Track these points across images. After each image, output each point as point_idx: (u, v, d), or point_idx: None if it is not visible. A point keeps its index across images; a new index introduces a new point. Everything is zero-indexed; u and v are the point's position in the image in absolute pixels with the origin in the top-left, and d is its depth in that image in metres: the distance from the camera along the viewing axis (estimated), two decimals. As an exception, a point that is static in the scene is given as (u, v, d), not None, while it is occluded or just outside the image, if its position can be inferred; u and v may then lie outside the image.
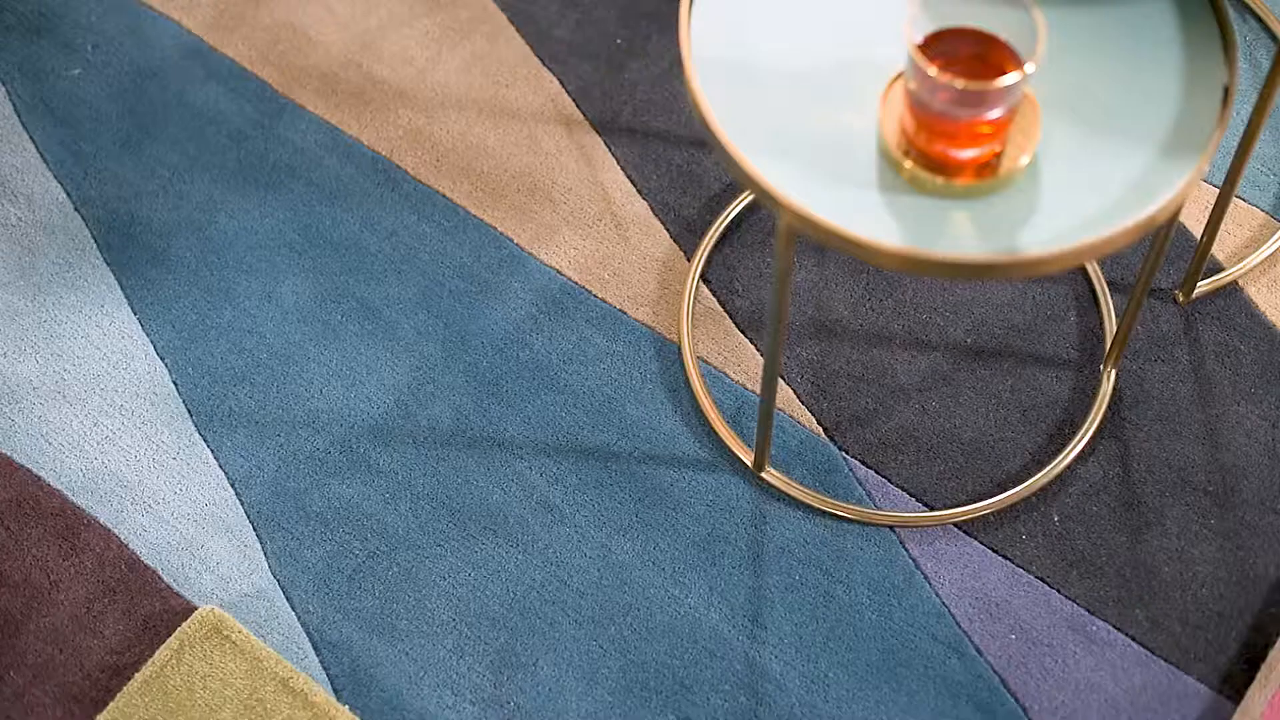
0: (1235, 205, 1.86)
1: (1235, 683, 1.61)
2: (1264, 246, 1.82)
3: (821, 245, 1.56)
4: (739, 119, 1.39)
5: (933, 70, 1.28)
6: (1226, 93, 1.38)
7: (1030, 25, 1.30)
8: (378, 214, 1.86)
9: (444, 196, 1.87)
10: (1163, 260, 1.59)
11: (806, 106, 1.39)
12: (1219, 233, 1.84)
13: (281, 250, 1.83)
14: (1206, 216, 1.85)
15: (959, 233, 1.35)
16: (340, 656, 1.62)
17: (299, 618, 1.64)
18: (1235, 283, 1.81)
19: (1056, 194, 1.35)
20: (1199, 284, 1.79)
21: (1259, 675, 1.62)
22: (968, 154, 1.35)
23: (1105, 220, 1.34)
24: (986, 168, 1.36)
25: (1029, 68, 1.29)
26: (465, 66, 1.95)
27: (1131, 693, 1.61)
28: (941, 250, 1.32)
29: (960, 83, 1.28)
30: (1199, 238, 1.80)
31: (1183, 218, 1.85)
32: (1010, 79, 1.28)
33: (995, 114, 1.32)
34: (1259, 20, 1.97)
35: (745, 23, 1.43)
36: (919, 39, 1.34)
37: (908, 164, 1.36)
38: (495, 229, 1.85)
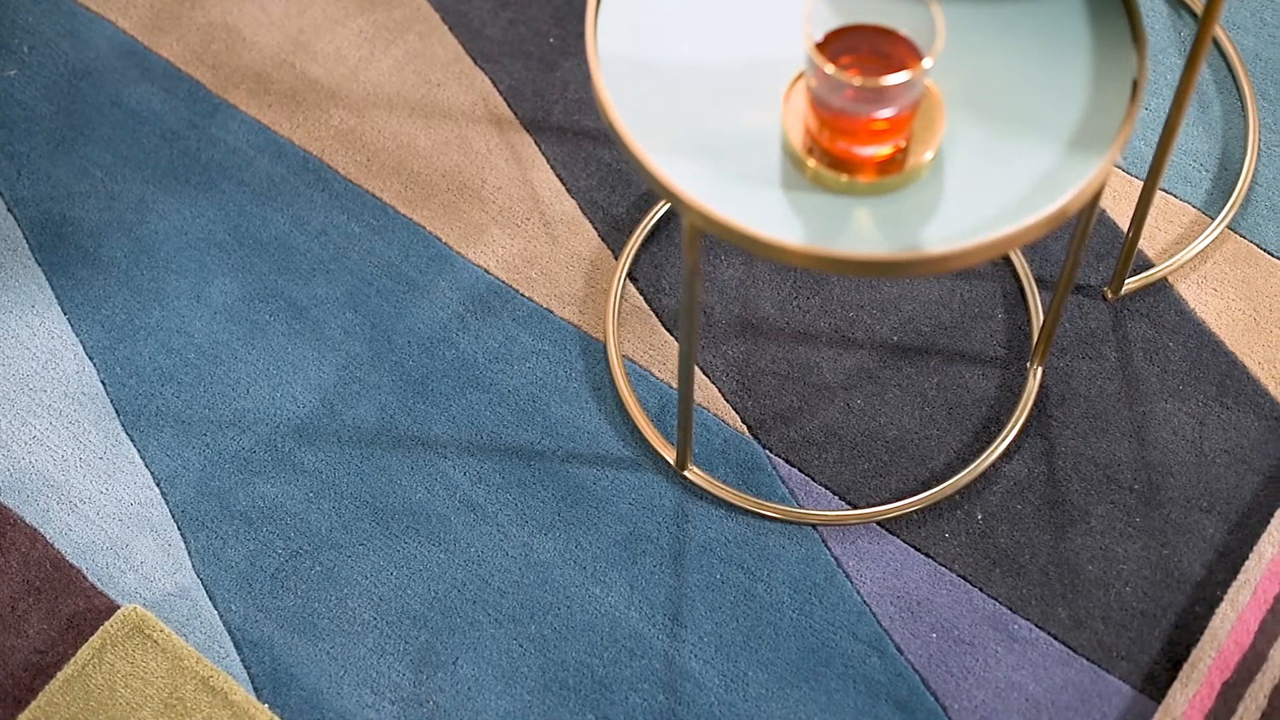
0: (1167, 201, 1.85)
1: (1158, 682, 1.61)
2: (1194, 243, 1.81)
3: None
4: (645, 118, 1.38)
5: (830, 68, 1.28)
6: (1135, 86, 1.38)
7: (929, 20, 1.30)
8: (308, 213, 1.86)
9: (374, 196, 1.87)
10: (1083, 257, 1.59)
11: (713, 105, 1.39)
12: (1152, 230, 1.83)
13: (211, 250, 1.83)
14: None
15: (862, 230, 1.35)
16: (261, 655, 1.62)
17: (221, 616, 1.64)
18: (1165, 279, 1.80)
19: (961, 190, 1.35)
20: (1128, 281, 1.79)
21: (1181, 674, 1.61)
22: (870, 151, 1.35)
23: (1009, 216, 1.33)
24: (891, 164, 1.36)
25: (926, 63, 1.28)
26: (398, 66, 1.95)
27: (1053, 691, 1.60)
28: (844, 248, 1.32)
29: (857, 80, 1.28)
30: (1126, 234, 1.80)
31: (1112, 214, 1.85)
32: (906, 75, 1.27)
33: (895, 110, 1.32)
34: (1193, 15, 1.97)
35: (653, 21, 1.43)
36: (819, 37, 1.34)
37: (811, 162, 1.35)
38: (424, 228, 1.85)
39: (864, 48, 1.35)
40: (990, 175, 1.36)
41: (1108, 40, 1.41)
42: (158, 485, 1.71)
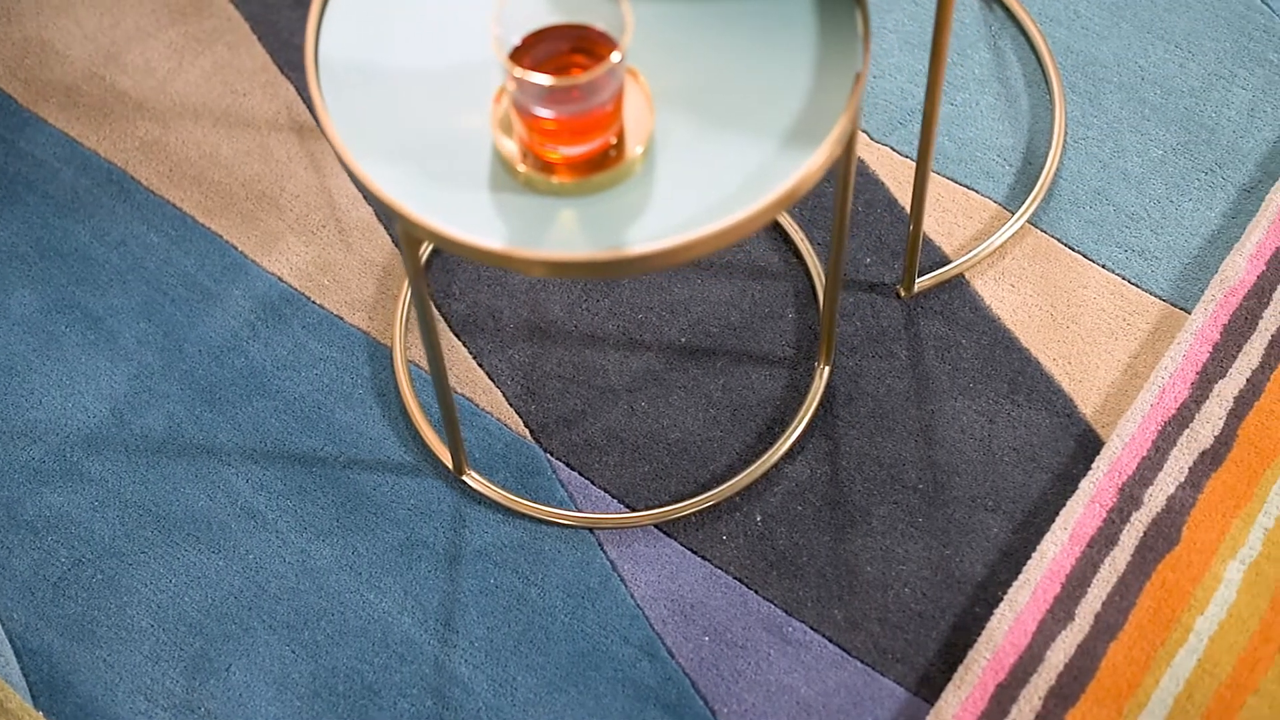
0: (968, 197, 1.83)
1: (933, 684, 1.58)
2: (991, 238, 1.79)
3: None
4: (365, 123, 1.38)
5: (519, 70, 1.28)
6: (858, 79, 1.36)
7: (620, 17, 1.29)
8: (108, 224, 1.87)
9: (173, 206, 1.87)
10: (844, 250, 1.57)
11: (433, 110, 1.39)
12: (951, 226, 1.80)
13: (13, 263, 1.85)
14: (940, 211, 1.82)
15: (567, 231, 1.34)
16: (40, 663, 1.63)
17: (3, 625, 1.65)
18: (962, 276, 1.78)
19: (671, 189, 1.34)
20: (925, 278, 1.77)
21: (955, 676, 1.59)
22: (573, 151, 1.34)
23: (715, 214, 1.32)
24: (599, 165, 1.35)
25: (614, 57, 1.27)
26: (206, 76, 1.96)
27: (824, 694, 1.58)
28: (545, 250, 1.31)
29: (540, 79, 1.27)
30: (925, 232, 1.78)
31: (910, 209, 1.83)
32: (592, 73, 1.27)
33: (591, 108, 1.30)
34: (1004, 9, 1.94)
35: (380, 26, 1.42)
36: (516, 39, 1.33)
37: (522, 165, 1.35)
38: (221, 237, 1.85)
39: (563, 48, 1.34)
40: (702, 173, 1.34)
41: (835, 35, 1.39)
42: (-51, 496, 1.72)
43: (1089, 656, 1.59)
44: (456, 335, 1.78)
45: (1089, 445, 1.68)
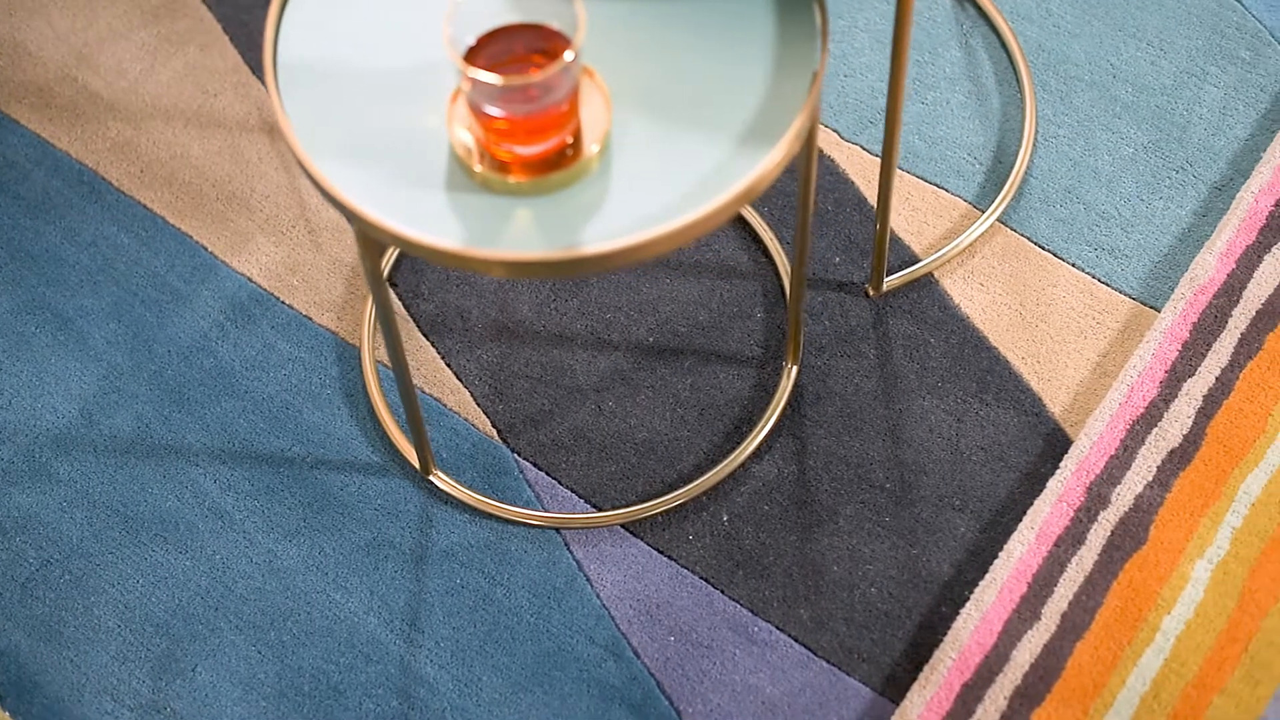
0: (938, 195, 1.82)
1: (899, 684, 1.58)
2: (960, 237, 1.78)
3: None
4: (321, 122, 1.38)
5: (471, 70, 1.28)
6: (815, 78, 1.36)
7: (573, 15, 1.29)
8: (79, 225, 1.87)
9: (144, 207, 1.88)
10: (808, 249, 1.57)
11: (391, 110, 1.38)
12: (921, 225, 1.80)
13: (-16, 263, 1.86)
14: (909, 210, 1.82)
15: (523, 231, 1.34)
16: (7, 664, 1.63)
17: (-29, 626, 1.66)
18: (931, 275, 1.77)
19: (628, 187, 1.34)
20: (893, 277, 1.76)
21: (920, 676, 1.59)
22: (529, 150, 1.34)
23: (673, 212, 1.32)
24: (556, 164, 1.35)
25: (567, 55, 1.27)
26: (178, 77, 1.96)
27: (790, 694, 1.58)
28: (502, 250, 1.31)
29: (492, 78, 1.27)
30: (895, 230, 1.77)
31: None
32: (545, 72, 1.26)
33: (546, 107, 1.30)
34: (976, 6, 1.93)
35: (342, 23, 1.42)
36: (471, 39, 1.33)
37: (479, 165, 1.35)
38: (191, 238, 1.85)
39: (517, 47, 1.34)
40: (660, 171, 1.34)
41: (793, 33, 1.39)
42: (-82, 497, 1.73)
43: (1055, 656, 1.59)
44: (424, 335, 1.77)
45: (1057, 444, 1.68)
